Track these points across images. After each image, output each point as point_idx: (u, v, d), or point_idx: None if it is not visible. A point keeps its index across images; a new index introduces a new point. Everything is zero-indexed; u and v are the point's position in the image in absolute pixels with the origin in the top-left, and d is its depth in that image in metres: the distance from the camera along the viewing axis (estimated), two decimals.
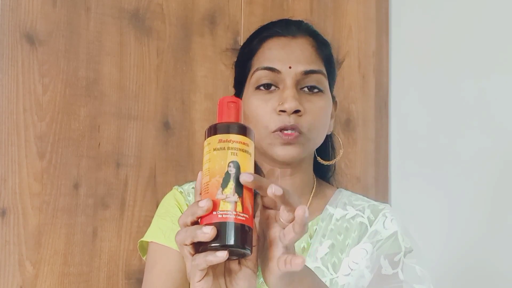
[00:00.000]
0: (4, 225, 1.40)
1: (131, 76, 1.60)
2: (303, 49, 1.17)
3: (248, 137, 0.87)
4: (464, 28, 1.91)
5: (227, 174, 0.84)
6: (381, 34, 2.09)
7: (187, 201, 1.20)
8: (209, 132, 0.88)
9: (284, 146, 1.12)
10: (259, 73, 1.15)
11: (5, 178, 1.41)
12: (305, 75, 1.14)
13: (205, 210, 0.82)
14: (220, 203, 0.83)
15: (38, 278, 1.43)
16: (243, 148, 0.86)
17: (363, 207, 1.21)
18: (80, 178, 1.50)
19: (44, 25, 1.47)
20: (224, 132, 0.86)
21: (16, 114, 1.43)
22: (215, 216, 0.82)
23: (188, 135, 1.67)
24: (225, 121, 0.88)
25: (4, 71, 1.42)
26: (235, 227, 0.82)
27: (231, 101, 0.90)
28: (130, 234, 1.56)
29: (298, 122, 1.12)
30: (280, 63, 1.14)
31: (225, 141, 0.86)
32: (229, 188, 0.83)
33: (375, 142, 2.05)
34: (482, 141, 1.83)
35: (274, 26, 1.21)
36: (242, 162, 0.85)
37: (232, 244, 0.81)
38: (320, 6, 1.97)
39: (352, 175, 1.98)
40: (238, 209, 0.83)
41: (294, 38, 1.18)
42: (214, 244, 0.81)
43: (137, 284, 1.56)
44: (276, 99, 1.13)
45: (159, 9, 1.65)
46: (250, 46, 1.20)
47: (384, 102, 2.09)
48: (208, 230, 0.81)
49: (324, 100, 1.16)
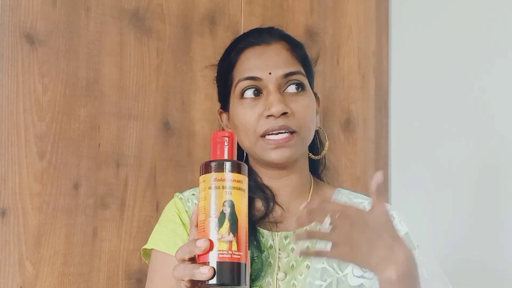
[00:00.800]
0: (4, 225, 1.40)
1: (131, 76, 1.60)
2: (279, 54, 1.21)
3: (242, 173, 0.92)
4: (464, 28, 1.91)
5: (222, 214, 0.90)
6: (381, 34, 2.09)
7: (186, 207, 1.22)
8: (204, 169, 0.93)
9: (277, 150, 1.16)
10: (241, 83, 1.19)
11: (5, 178, 1.40)
12: (285, 78, 1.19)
13: (202, 250, 0.89)
14: (216, 242, 0.89)
15: (38, 278, 1.43)
16: (237, 186, 0.91)
17: (363, 205, 1.23)
18: (80, 178, 1.50)
19: (44, 25, 1.47)
20: (219, 171, 0.91)
21: (16, 114, 1.43)
22: (212, 255, 0.89)
23: (188, 135, 1.67)
24: (219, 158, 0.93)
25: (4, 71, 1.42)
26: (231, 266, 0.89)
27: (225, 135, 0.94)
28: (130, 234, 1.56)
29: (287, 123, 1.16)
30: (260, 70, 1.19)
31: (219, 180, 0.91)
32: (224, 227, 0.89)
33: (375, 142, 2.05)
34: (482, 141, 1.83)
35: (247, 37, 1.26)
36: (236, 201, 0.91)
37: (228, 283, 0.88)
38: (320, 6, 1.97)
39: (352, 175, 1.98)
40: (234, 248, 0.89)
41: (269, 45, 1.22)
42: (211, 282, 0.88)
43: (137, 284, 1.56)
44: (262, 104, 1.17)
45: (159, 9, 1.65)
46: (228, 59, 1.25)
47: (384, 102, 2.09)
48: (206, 270, 0.88)
49: (308, 98, 1.21)
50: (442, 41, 1.96)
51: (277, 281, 1.16)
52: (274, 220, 1.20)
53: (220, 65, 1.29)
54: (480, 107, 1.85)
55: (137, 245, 1.55)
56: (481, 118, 1.84)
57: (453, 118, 1.91)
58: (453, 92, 1.92)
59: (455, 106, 1.91)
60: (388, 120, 2.09)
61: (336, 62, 1.99)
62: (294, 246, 1.18)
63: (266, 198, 1.21)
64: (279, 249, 1.18)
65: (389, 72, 2.10)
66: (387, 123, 2.09)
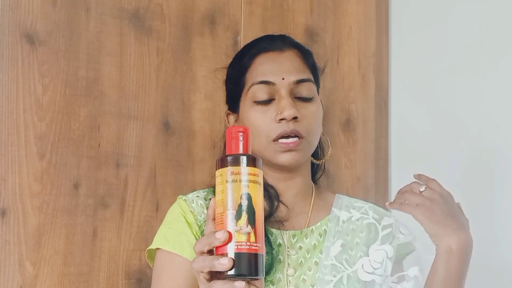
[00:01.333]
0: (4, 225, 1.40)
1: (131, 76, 1.60)
2: (292, 61, 1.27)
3: (257, 167, 0.95)
4: (464, 28, 1.91)
5: (239, 206, 0.92)
6: (381, 34, 2.09)
7: (191, 208, 1.24)
8: (221, 164, 0.95)
9: (287, 153, 1.21)
10: (255, 87, 1.24)
11: (5, 178, 1.41)
12: (297, 84, 1.24)
13: (221, 241, 0.91)
14: (235, 234, 0.91)
15: (38, 278, 1.43)
16: (253, 179, 0.93)
17: (365, 209, 1.30)
18: (80, 178, 1.50)
19: (44, 25, 1.47)
20: (236, 165, 0.94)
21: (16, 114, 1.43)
22: (231, 247, 0.91)
23: (188, 135, 1.67)
24: (235, 153, 0.95)
25: (4, 71, 1.42)
26: (249, 257, 0.91)
27: (240, 130, 0.97)
28: (130, 234, 1.56)
29: (297, 127, 1.21)
30: (273, 75, 1.24)
31: (236, 174, 0.93)
32: (242, 220, 0.91)
33: (375, 142, 2.05)
34: (482, 141, 1.83)
35: (260, 42, 1.31)
36: (253, 193, 0.93)
37: (247, 273, 0.90)
38: (320, 6, 1.97)
39: (352, 175, 1.98)
40: (252, 239, 0.91)
41: (282, 51, 1.28)
42: (231, 273, 0.90)
43: (137, 284, 1.56)
44: (274, 109, 1.22)
45: (159, 9, 1.65)
46: (241, 63, 1.29)
47: (384, 102, 2.09)
48: (226, 261, 0.90)
49: (316, 105, 1.27)
50: (442, 41, 1.96)
51: (287, 277, 1.20)
52: (279, 219, 1.24)
53: (231, 68, 1.34)
54: (480, 107, 1.85)
55: (137, 245, 1.55)
56: (481, 118, 1.84)
57: (453, 118, 1.91)
58: (453, 92, 1.92)
59: (455, 106, 1.91)
60: (388, 120, 2.09)
61: (336, 62, 1.99)
62: (301, 245, 1.24)
63: (270, 197, 1.25)
64: (288, 246, 1.23)
65: (389, 72, 2.10)
66: (387, 123, 2.09)
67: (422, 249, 1.30)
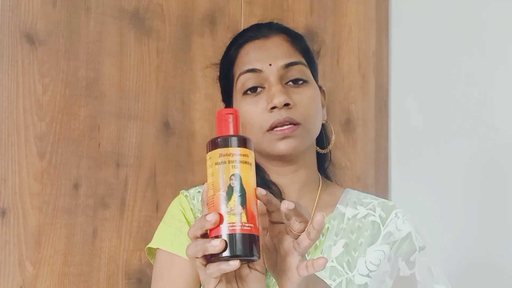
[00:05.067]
0: (4, 225, 1.40)
1: (131, 76, 1.60)
2: (279, 46, 1.20)
3: (247, 148, 0.92)
4: (464, 27, 1.91)
5: (229, 188, 0.89)
6: (381, 34, 2.09)
7: (191, 204, 1.22)
8: (210, 146, 0.92)
9: (283, 140, 1.15)
10: (242, 77, 1.18)
11: (5, 178, 1.41)
12: (286, 68, 1.18)
13: (212, 223, 0.88)
14: (226, 215, 0.88)
15: (38, 278, 1.43)
16: (243, 160, 0.91)
17: (373, 205, 1.24)
18: (80, 178, 1.50)
19: (44, 25, 1.47)
20: (225, 146, 0.91)
21: (16, 114, 1.43)
22: (223, 228, 0.88)
23: (188, 135, 1.67)
24: (224, 134, 0.93)
25: (4, 71, 1.42)
26: (243, 237, 0.88)
27: (229, 112, 0.94)
28: (130, 234, 1.56)
29: (290, 114, 1.14)
30: (259, 62, 1.18)
31: (225, 155, 0.91)
32: (233, 200, 0.89)
33: (375, 142, 2.05)
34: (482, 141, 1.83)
35: (246, 32, 1.26)
36: (244, 174, 0.90)
37: (241, 254, 0.87)
38: (320, 6, 1.97)
39: (352, 175, 1.98)
40: (243, 220, 0.88)
41: (268, 38, 1.22)
42: (224, 255, 0.87)
43: (137, 284, 1.56)
44: (264, 98, 1.16)
45: (159, 9, 1.65)
46: (228, 56, 1.25)
47: (384, 102, 2.09)
48: (217, 243, 0.87)
49: (311, 89, 1.19)
50: (442, 41, 1.96)
51: None
52: None
53: (221, 63, 1.28)
54: (480, 106, 1.85)
55: (137, 245, 1.55)
56: (481, 118, 1.84)
57: (453, 118, 1.91)
58: (453, 92, 1.92)
59: (455, 106, 1.91)
60: (388, 120, 2.09)
61: (336, 62, 1.99)
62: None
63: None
64: None
65: (389, 72, 2.10)
66: (387, 123, 2.09)
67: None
